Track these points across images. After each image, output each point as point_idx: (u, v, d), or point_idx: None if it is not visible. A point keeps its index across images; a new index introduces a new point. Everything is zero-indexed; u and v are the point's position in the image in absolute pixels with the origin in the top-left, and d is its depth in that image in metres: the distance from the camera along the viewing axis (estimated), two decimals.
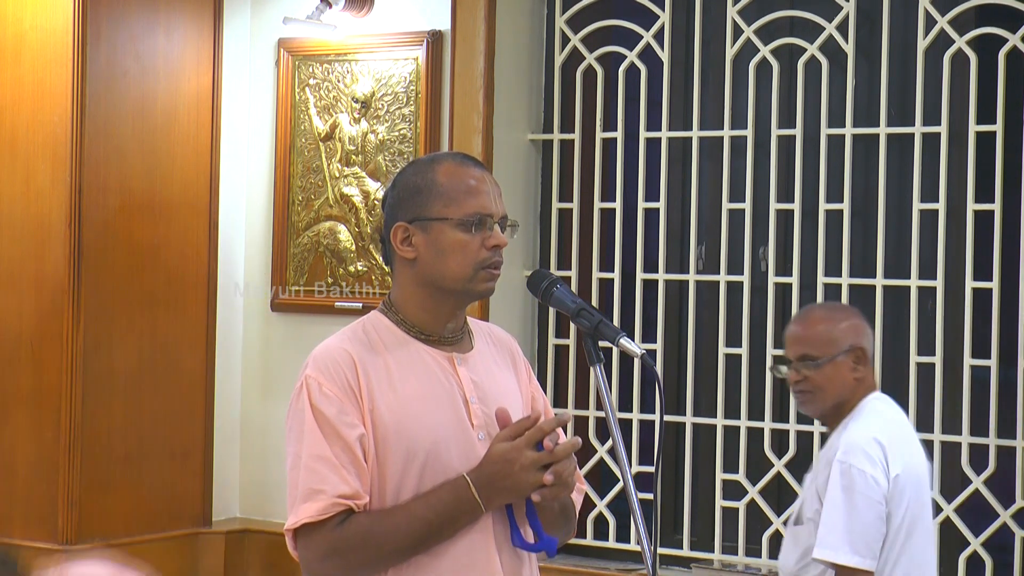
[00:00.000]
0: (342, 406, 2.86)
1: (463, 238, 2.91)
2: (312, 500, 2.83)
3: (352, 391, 2.87)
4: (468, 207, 2.92)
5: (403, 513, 2.86)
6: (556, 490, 2.88)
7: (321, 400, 2.86)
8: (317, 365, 2.90)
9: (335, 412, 2.86)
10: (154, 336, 6.07)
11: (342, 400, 2.86)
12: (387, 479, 2.87)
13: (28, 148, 5.89)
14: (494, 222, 2.93)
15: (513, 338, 3.15)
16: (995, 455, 5.26)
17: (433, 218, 2.92)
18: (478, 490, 2.86)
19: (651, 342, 5.83)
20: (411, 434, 2.87)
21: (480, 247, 2.92)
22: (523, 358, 3.13)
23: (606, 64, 6.00)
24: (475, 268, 2.92)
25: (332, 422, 2.85)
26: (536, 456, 2.85)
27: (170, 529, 6.15)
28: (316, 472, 2.84)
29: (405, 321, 2.96)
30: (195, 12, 6.18)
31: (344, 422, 2.85)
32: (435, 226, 2.92)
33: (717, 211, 5.76)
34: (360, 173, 6.18)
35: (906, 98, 5.47)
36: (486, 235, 2.92)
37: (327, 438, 2.85)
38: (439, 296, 2.94)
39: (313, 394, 2.87)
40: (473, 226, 2.91)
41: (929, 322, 5.39)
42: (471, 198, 2.92)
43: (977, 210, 5.33)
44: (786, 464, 5.60)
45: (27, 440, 5.88)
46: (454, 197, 2.92)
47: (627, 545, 5.83)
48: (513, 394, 3.02)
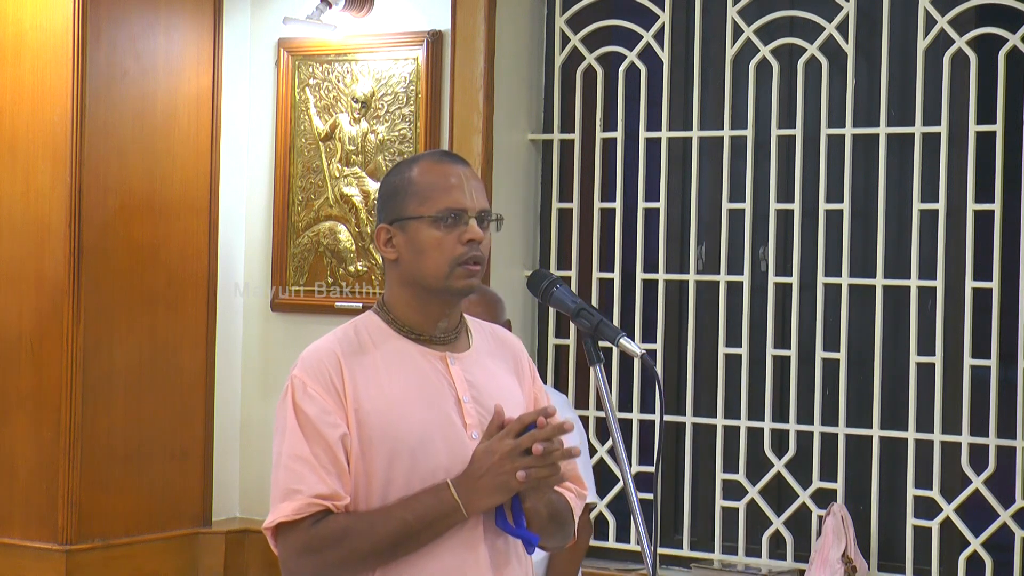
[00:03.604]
0: (325, 406, 2.86)
1: (438, 235, 2.90)
2: (289, 499, 2.84)
3: (336, 391, 2.88)
4: (441, 203, 2.90)
5: (381, 514, 2.86)
6: (542, 472, 2.83)
7: (304, 400, 2.87)
8: (303, 365, 2.91)
9: (317, 412, 2.86)
10: (154, 336, 6.07)
11: (325, 400, 2.87)
12: (373, 479, 2.87)
13: (28, 148, 5.89)
14: (470, 217, 2.91)
15: (519, 340, 3.15)
16: (995, 455, 5.26)
17: (409, 217, 2.92)
18: (458, 490, 2.84)
19: (651, 342, 5.83)
20: (396, 434, 2.87)
21: (456, 243, 2.90)
22: (529, 361, 3.12)
23: (606, 64, 6.00)
24: (451, 265, 2.90)
25: (314, 422, 2.86)
26: (516, 442, 2.82)
27: (170, 529, 6.15)
28: (294, 472, 2.85)
29: (396, 320, 2.96)
30: (195, 12, 6.18)
31: (326, 422, 2.86)
32: (412, 225, 2.92)
33: (717, 211, 5.76)
34: (360, 173, 6.18)
35: (906, 98, 5.47)
36: (462, 230, 2.90)
37: (308, 438, 2.86)
38: (424, 295, 2.93)
39: (297, 394, 2.88)
40: (447, 222, 2.90)
41: (929, 322, 5.39)
42: (444, 194, 2.91)
43: (977, 210, 5.33)
44: (786, 464, 5.60)
45: (27, 440, 5.88)
46: (428, 195, 2.91)
47: (627, 545, 5.83)
48: (512, 394, 3.01)
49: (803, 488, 5.56)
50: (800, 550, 5.55)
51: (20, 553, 5.85)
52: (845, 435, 5.50)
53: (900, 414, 5.45)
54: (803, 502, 5.57)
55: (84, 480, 5.84)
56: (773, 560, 5.59)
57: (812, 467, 5.55)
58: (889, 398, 5.48)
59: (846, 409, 5.50)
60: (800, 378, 5.58)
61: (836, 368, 5.52)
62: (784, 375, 5.64)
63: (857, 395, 5.52)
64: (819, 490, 5.54)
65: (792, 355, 5.59)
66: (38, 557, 5.82)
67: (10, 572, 5.84)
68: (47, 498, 5.83)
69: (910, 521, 5.38)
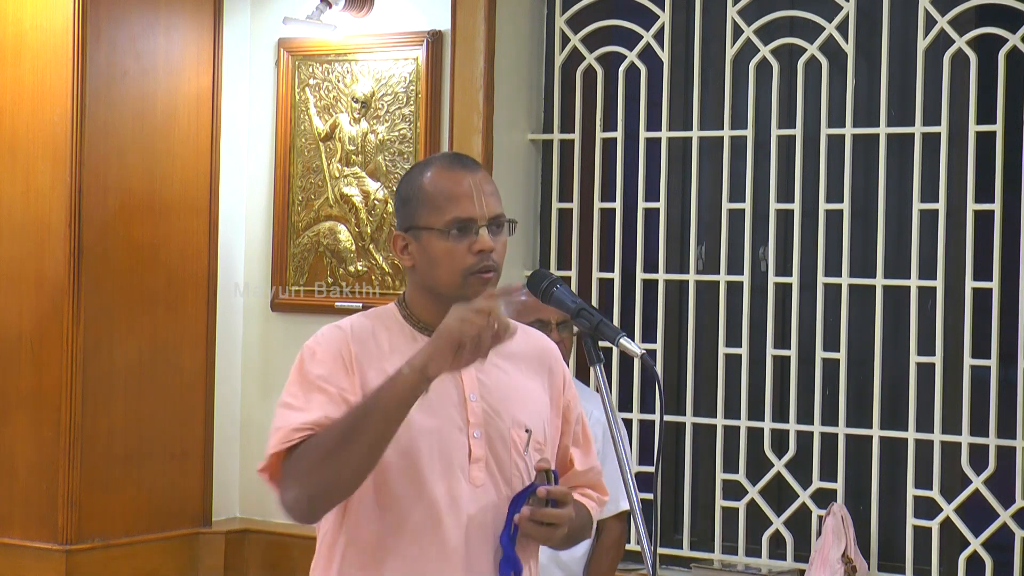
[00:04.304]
0: (333, 370, 2.88)
1: (448, 246, 2.90)
2: (272, 437, 2.84)
3: (344, 362, 2.89)
4: (449, 214, 2.90)
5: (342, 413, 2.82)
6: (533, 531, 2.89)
7: (311, 364, 2.90)
8: (316, 339, 2.94)
9: (323, 373, 2.88)
10: (154, 336, 6.07)
11: (333, 367, 2.88)
12: None
13: (28, 148, 5.89)
14: (480, 226, 2.91)
15: (556, 347, 3.13)
16: (995, 455, 5.26)
17: (421, 227, 2.93)
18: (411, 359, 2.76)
19: (651, 342, 5.83)
20: None
21: (466, 253, 2.90)
22: (564, 370, 3.11)
23: (606, 64, 6.00)
24: (463, 275, 2.91)
25: (316, 381, 2.87)
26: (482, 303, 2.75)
27: (170, 529, 6.15)
28: (280, 416, 2.86)
29: (413, 316, 2.98)
30: (195, 12, 6.18)
31: (330, 382, 2.87)
32: (424, 235, 2.93)
33: (717, 211, 5.76)
34: (360, 173, 6.18)
35: (906, 98, 5.47)
36: (471, 240, 2.90)
37: (304, 392, 2.86)
38: (440, 300, 2.93)
39: (305, 359, 2.91)
40: (455, 234, 2.90)
41: (929, 322, 5.39)
42: (452, 204, 2.90)
43: (977, 210, 5.33)
44: (786, 464, 5.60)
45: (27, 440, 5.88)
46: (437, 205, 2.91)
47: (627, 545, 5.82)
48: (530, 396, 3.01)
49: (803, 488, 5.56)
50: (800, 550, 5.55)
51: (20, 553, 5.85)
52: (845, 435, 5.50)
53: (900, 414, 5.45)
54: (803, 502, 5.57)
55: (84, 480, 5.84)
56: (773, 560, 5.59)
57: (812, 467, 5.55)
58: (889, 398, 5.48)
59: (846, 409, 5.50)
60: (800, 378, 5.58)
61: (836, 368, 5.52)
62: (784, 375, 5.64)
63: (857, 395, 5.52)
64: (819, 490, 5.54)
65: (792, 355, 5.59)
66: (38, 557, 5.82)
67: (10, 572, 5.84)
68: (47, 498, 5.83)
69: (910, 521, 5.38)
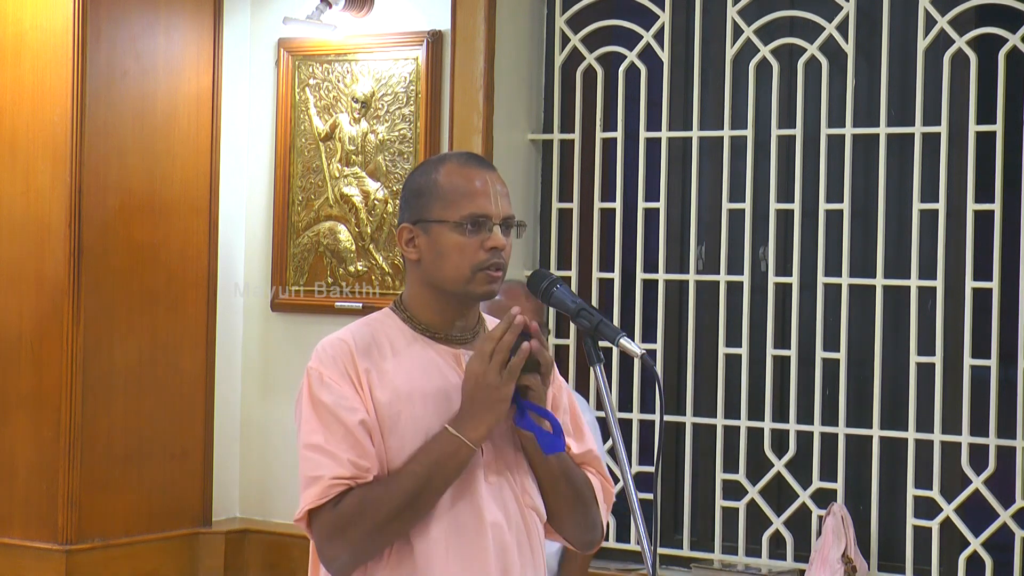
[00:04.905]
0: (343, 392, 2.88)
1: (460, 240, 2.91)
2: (311, 487, 2.85)
3: (351, 378, 2.89)
4: (465, 209, 2.91)
5: (391, 476, 2.87)
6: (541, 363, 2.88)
7: (320, 389, 2.89)
8: (318, 356, 2.93)
9: (335, 399, 2.88)
10: (154, 336, 6.07)
11: (342, 387, 2.88)
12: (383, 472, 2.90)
13: (28, 148, 5.89)
14: (494, 224, 2.92)
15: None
16: (995, 455, 5.26)
17: (433, 220, 2.93)
18: (455, 427, 2.85)
19: (651, 342, 5.83)
20: (401, 432, 2.89)
21: (478, 249, 2.91)
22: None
23: (606, 64, 6.00)
24: (472, 270, 2.91)
25: (331, 409, 2.87)
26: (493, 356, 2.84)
27: (170, 529, 6.15)
28: (312, 460, 2.87)
29: (413, 318, 2.97)
30: (195, 12, 6.18)
31: (344, 407, 2.87)
32: (435, 228, 2.93)
33: (717, 211, 5.76)
34: (360, 173, 6.18)
35: (906, 98, 5.47)
36: (484, 237, 2.91)
37: (325, 426, 2.87)
38: (443, 297, 2.94)
39: (314, 384, 2.90)
40: (470, 228, 2.91)
41: (929, 322, 5.39)
42: (469, 200, 2.92)
43: (977, 210, 5.33)
44: (786, 464, 5.60)
45: (27, 440, 5.88)
46: (453, 199, 2.92)
47: (627, 545, 5.83)
48: None
49: (803, 488, 5.57)
50: (800, 550, 5.55)
51: (20, 553, 5.85)
52: (845, 435, 5.50)
53: (900, 414, 5.45)
54: (803, 502, 5.57)
55: (84, 480, 5.84)
56: (773, 560, 5.59)
57: (812, 467, 5.55)
58: (889, 398, 5.48)
59: (846, 409, 5.50)
60: (800, 378, 5.58)
61: (836, 368, 5.52)
62: (784, 375, 5.64)
63: (857, 395, 5.52)
64: (819, 490, 5.54)
65: (792, 355, 5.59)
66: (38, 557, 5.82)
67: (10, 572, 5.84)
68: (47, 498, 5.84)
69: (910, 521, 5.38)
